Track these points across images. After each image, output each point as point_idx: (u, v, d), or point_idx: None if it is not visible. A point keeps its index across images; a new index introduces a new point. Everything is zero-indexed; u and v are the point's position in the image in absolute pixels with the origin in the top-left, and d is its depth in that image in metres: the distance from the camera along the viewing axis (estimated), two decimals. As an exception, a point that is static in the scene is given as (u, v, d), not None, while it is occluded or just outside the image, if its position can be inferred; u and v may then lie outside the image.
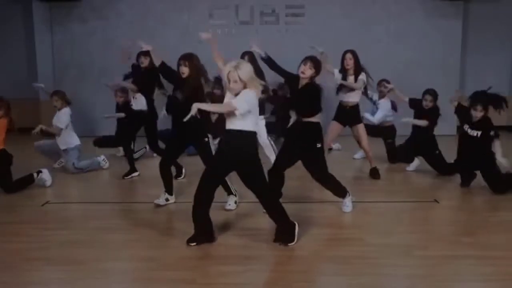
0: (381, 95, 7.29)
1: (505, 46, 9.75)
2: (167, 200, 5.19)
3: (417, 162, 6.67)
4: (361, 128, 6.19)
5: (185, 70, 4.81)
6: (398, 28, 9.38)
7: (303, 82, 4.60)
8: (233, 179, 4.19)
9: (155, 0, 9.44)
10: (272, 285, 3.58)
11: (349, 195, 4.90)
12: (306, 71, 4.54)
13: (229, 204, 5.00)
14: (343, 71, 6.07)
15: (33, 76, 9.73)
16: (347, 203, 4.91)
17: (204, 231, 4.10)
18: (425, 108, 6.48)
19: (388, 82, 7.22)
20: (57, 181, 6.27)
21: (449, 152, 6.42)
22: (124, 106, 7.27)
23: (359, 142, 6.36)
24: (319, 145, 4.65)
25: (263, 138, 6.22)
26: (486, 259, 3.77)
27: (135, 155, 7.01)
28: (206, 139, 4.98)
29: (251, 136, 3.92)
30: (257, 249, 4.03)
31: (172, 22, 9.36)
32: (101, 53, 9.46)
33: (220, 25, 9.50)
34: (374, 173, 6.26)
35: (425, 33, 9.34)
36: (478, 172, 5.72)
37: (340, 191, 4.88)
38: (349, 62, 5.97)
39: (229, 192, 5.05)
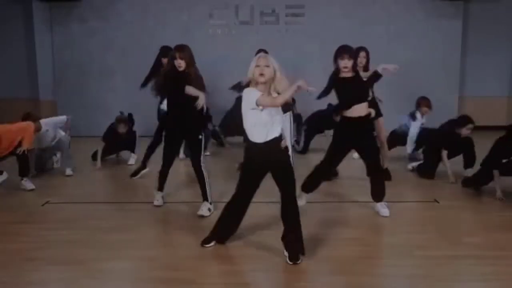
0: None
1: (505, 46, 9.75)
2: (162, 197, 5.21)
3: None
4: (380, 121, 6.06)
5: (182, 63, 4.68)
6: (398, 28, 9.38)
7: (347, 75, 4.55)
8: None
9: (155, 0, 9.44)
10: (273, 285, 3.58)
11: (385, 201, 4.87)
12: (348, 64, 4.51)
13: (202, 210, 4.90)
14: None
15: (33, 76, 9.74)
16: (384, 206, 4.84)
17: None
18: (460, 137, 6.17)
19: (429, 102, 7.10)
20: (57, 181, 6.27)
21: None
22: (127, 134, 7.15)
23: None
24: (375, 133, 4.74)
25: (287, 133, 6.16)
26: (486, 259, 3.77)
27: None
28: (200, 136, 4.93)
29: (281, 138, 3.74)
30: (257, 249, 4.02)
31: (172, 22, 9.36)
32: (101, 53, 9.47)
33: (220, 25, 9.50)
34: (385, 175, 6.05)
35: (425, 33, 9.34)
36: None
37: (382, 192, 4.84)
38: (363, 60, 5.79)
39: (205, 198, 4.97)
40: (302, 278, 3.55)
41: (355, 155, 7.29)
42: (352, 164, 7.18)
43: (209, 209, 4.85)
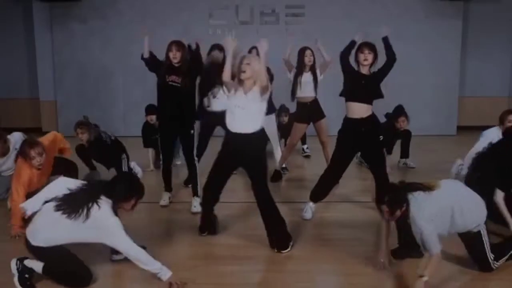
0: None
1: (505, 46, 9.74)
2: (169, 198, 5.25)
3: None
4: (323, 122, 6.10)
5: (177, 55, 4.83)
6: (398, 28, 9.36)
7: (364, 70, 4.52)
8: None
9: (155, 0, 9.44)
10: (272, 285, 3.59)
11: None
12: (369, 57, 4.50)
13: (195, 206, 4.98)
14: (300, 68, 5.94)
15: (33, 76, 9.73)
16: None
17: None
18: None
19: None
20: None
21: (449, 152, 6.41)
22: (94, 144, 5.86)
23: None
24: (381, 138, 4.66)
25: (273, 129, 6.15)
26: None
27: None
28: (193, 131, 5.04)
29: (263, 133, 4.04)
30: (257, 249, 4.03)
31: (172, 22, 9.34)
32: (101, 53, 9.46)
33: (220, 25, 9.49)
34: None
35: (425, 33, 9.33)
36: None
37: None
38: (310, 59, 5.88)
39: (195, 193, 5.07)
40: (303, 278, 3.55)
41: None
42: (351, 164, 7.18)
43: (200, 204, 4.93)
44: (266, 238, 4.18)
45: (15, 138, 5.03)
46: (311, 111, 6.02)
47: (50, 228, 3.34)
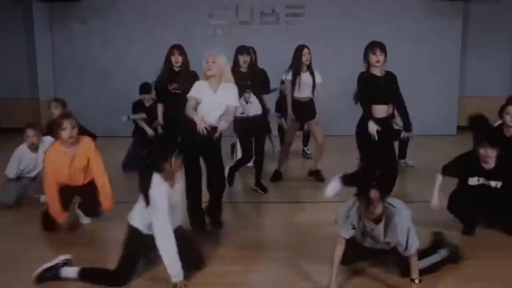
0: None
1: (505, 46, 9.75)
2: None
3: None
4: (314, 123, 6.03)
5: (179, 59, 4.91)
6: (398, 28, 9.37)
7: (376, 71, 4.49)
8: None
9: (155, 0, 9.44)
10: (272, 285, 3.59)
11: None
12: (380, 58, 4.48)
13: None
14: (297, 67, 5.80)
15: (33, 76, 9.74)
16: None
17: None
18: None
19: None
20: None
21: (449, 152, 6.40)
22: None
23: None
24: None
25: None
26: (487, 260, 3.78)
27: None
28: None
29: None
30: (257, 249, 4.03)
31: (172, 22, 9.36)
32: (101, 53, 9.47)
33: (220, 25, 9.50)
34: (317, 175, 6.14)
35: (425, 33, 9.34)
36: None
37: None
38: (308, 57, 5.78)
39: None
40: (303, 279, 3.55)
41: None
42: (351, 163, 7.19)
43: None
44: (266, 238, 4.18)
45: (46, 141, 5.10)
46: (305, 111, 5.98)
47: (140, 216, 3.44)
